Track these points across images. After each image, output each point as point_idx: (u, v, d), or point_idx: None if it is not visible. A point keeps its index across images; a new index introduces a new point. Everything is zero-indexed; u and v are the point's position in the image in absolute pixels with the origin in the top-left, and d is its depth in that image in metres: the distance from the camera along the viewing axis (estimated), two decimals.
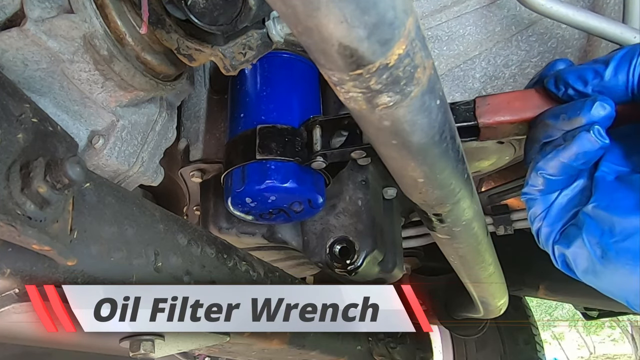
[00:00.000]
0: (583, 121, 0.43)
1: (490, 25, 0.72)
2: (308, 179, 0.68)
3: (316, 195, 0.69)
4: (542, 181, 0.47)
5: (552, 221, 0.47)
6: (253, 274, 0.70)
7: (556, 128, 0.45)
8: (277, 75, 0.73)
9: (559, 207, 0.47)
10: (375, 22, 0.27)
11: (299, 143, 0.67)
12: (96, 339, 0.56)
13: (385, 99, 0.34)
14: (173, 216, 0.58)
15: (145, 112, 0.63)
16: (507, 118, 0.50)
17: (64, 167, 0.35)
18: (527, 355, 1.92)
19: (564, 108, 0.45)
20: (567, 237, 0.45)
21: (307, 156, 0.66)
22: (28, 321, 0.44)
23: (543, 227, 0.48)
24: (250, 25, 0.52)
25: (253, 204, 0.69)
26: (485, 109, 0.51)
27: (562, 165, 0.44)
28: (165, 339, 0.55)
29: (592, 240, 0.43)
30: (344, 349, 1.02)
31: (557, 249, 0.47)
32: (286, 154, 0.66)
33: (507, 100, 0.50)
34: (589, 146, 0.42)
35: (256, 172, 0.67)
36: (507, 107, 0.50)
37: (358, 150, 0.62)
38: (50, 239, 0.37)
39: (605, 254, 0.41)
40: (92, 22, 0.50)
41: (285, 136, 0.67)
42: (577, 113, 0.43)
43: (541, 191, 0.47)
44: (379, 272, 0.85)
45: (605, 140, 0.42)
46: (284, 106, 0.70)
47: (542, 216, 0.48)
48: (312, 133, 0.66)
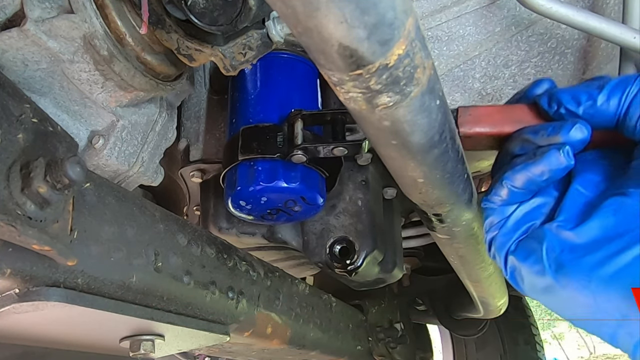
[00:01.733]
0: (559, 140, 0.44)
1: (490, 26, 0.72)
2: (297, 176, 0.67)
3: (311, 193, 0.68)
4: (506, 192, 0.48)
5: (507, 231, 0.48)
6: (253, 274, 0.70)
7: (532, 143, 0.47)
8: (277, 76, 0.73)
9: (515, 219, 0.48)
10: (375, 23, 0.27)
11: (281, 139, 0.66)
12: (96, 339, 0.56)
13: (385, 99, 0.34)
14: (173, 216, 0.58)
15: (145, 112, 0.63)
16: (487, 130, 0.50)
17: (64, 167, 0.35)
18: (527, 355, 1.92)
19: (545, 126, 0.46)
20: (524, 250, 0.46)
21: (287, 151, 0.65)
22: (28, 321, 0.44)
23: (498, 237, 0.49)
24: (250, 25, 0.52)
25: (248, 205, 0.70)
26: (467, 119, 0.51)
27: (528, 179, 0.46)
28: (165, 339, 0.55)
29: (550, 256, 0.43)
30: (344, 349, 1.02)
31: (510, 260, 0.47)
32: (267, 151, 0.65)
33: (488, 113, 0.51)
34: (555, 164, 0.44)
35: (244, 174, 0.67)
36: (488, 119, 0.50)
37: (341, 147, 0.62)
38: (50, 239, 0.37)
39: (560, 268, 0.42)
40: (92, 22, 0.50)
41: (267, 134, 0.66)
42: (557, 132, 0.45)
43: (503, 201, 0.49)
44: (379, 272, 0.85)
45: (571, 162, 0.43)
46: (287, 108, 0.70)
47: (499, 226, 0.49)
48: (294, 127, 0.66)
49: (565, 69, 0.75)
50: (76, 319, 0.46)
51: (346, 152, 0.63)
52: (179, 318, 0.54)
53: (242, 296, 0.65)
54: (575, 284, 0.41)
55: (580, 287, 0.41)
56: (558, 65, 0.74)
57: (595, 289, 0.40)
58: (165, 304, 0.53)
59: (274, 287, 0.75)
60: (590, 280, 0.40)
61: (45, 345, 0.54)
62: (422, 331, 1.80)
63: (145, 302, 0.50)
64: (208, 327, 0.59)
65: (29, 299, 0.39)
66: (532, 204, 0.48)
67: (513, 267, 0.47)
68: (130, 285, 0.48)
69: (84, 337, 0.54)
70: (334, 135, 0.65)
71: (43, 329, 0.49)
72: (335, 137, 0.64)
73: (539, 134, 0.46)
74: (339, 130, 0.65)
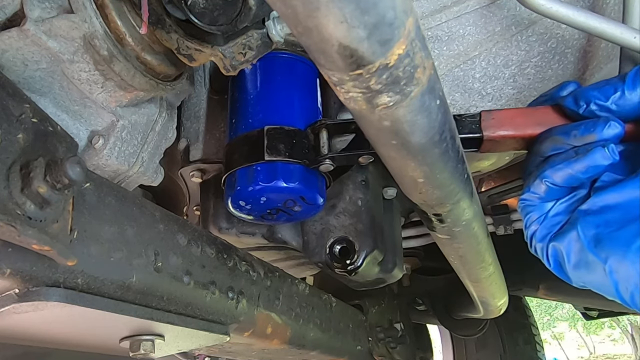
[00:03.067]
0: (595, 138, 0.47)
1: (490, 25, 0.72)
2: (313, 180, 0.68)
3: (310, 192, 0.68)
4: (544, 189, 0.50)
5: (548, 224, 0.51)
6: (253, 274, 0.70)
7: (566, 143, 0.49)
8: (277, 76, 0.73)
9: (555, 212, 0.51)
10: (375, 22, 0.27)
11: (306, 145, 0.67)
12: (96, 339, 0.56)
13: (385, 99, 0.34)
14: (173, 216, 0.58)
15: (145, 112, 0.63)
16: (510, 133, 0.53)
17: (64, 167, 0.35)
18: (527, 355, 1.92)
19: (576, 126, 0.49)
20: (563, 235, 0.49)
21: (314, 159, 0.66)
22: (28, 321, 0.44)
23: (539, 231, 0.52)
24: (250, 25, 0.52)
25: (248, 205, 0.69)
26: (491, 123, 0.54)
27: (570, 176, 0.48)
28: (165, 339, 0.55)
29: (587, 233, 0.46)
30: (344, 349, 1.02)
31: (551, 247, 0.50)
32: (294, 155, 0.66)
33: (510, 116, 0.54)
34: (600, 161, 0.46)
35: (244, 174, 0.67)
36: (511, 122, 0.54)
37: (366, 154, 0.63)
38: (50, 239, 0.37)
39: (598, 242, 0.45)
40: (92, 22, 0.50)
41: (293, 138, 0.67)
42: (591, 130, 0.47)
43: (541, 198, 0.51)
44: (379, 272, 0.85)
45: (616, 157, 0.46)
46: (287, 108, 0.70)
47: (540, 220, 0.52)
48: (319, 136, 0.67)
49: (565, 69, 0.75)
50: (76, 319, 0.46)
51: (372, 160, 0.64)
52: (179, 318, 0.54)
53: (242, 296, 0.65)
54: (615, 255, 0.43)
55: (620, 257, 0.43)
56: (558, 65, 0.74)
57: (633, 257, 0.42)
58: (165, 304, 0.53)
59: (274, 287, 0.75)
60: (629, 249, 0.42)
61: (45, 345, 0.54)
62: (422, 331, 1.81)
63: (145, 302, 0.50)
64: (208, 327, 0.59)
65: (29, 299, 0.39)
66: (573, 198, 0.50)
67: (555, 253, 0.50)
68: (130, 285, 0.48)
69: (84, 337, 0.54)
70: (360, 144, 0.65)
71: (43, 329, 0.48)
72: (361, 146, 0.65)
73: (571, 134, 0.49)
74: (365, 139, 0.65)
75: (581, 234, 0.46)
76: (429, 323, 1.85)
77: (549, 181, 0.49)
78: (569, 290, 1.61)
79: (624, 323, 9.67)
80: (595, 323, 9.83)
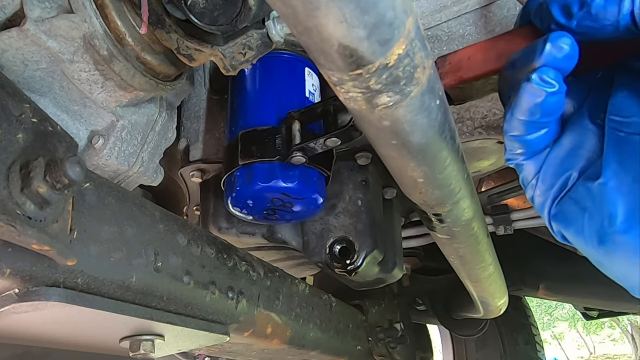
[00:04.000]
0: (535, 66, 0.36)
1: (490, 25, 0.72)
2: (296, 176, 0.66)
3: (310, 192, 0.68)
4: (517, 145, 0.40)
5: (545, 188, 0.41)
6: (253, 274, 0.70)
7: (515, 79, 0.38)
8: (272, 76, 0.73)
9: (551, 172, 0.40)
10: (375, 22, 0.27)
11: (280, 141, 0.66)
12: (96, 339, 0.56)
13: (385, 99, 0.34)
14: (173, 216, 0.58)
15: (145, 112, 0.63)
16: (469, 75, 0.44)
17: (64, 167, 0.35)
18: (527, 355, 1.92)
19: (519, 54, 0.38)
20: (564, 216, 0.40)
21: (286, 153, 0.65)
22: (28, 321, 0.44)
23: (536, 196, 0.42)
24: (250, 25, 0.52)
25: (250, 207, 0.69)
26: (447, 69, 0.44)
27: (525, 123, 0.38)
28: (165, 339, 0.55)
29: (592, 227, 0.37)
30: (344, 349, 1.02)
31: (554, 226, 0.41)
32: (266, 154, 0.65)
33: (468, 55, 0.44)
34: (536, 98, 0.35)
35: (243, 175, 0.67)
36: (468, 63, 0.44)
37: (333, 137, 0.60)
38: (50, 239, 0.37)
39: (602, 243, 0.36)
40: (92, 22, 0.50)
41: (266, 137, 0.66)
42: (531, 59, 0.36)
43: (523, 154, 0.41)
44: (379, 272, 0.85)
45: (554, 86, 0.35)
46: (273, 106, 0.69)
47: (534, 183, 0.42)
48: (291, 128, 0.65)
49: None
50: (76, 319, 0.46)
51: (339, 142, 0.61)
52: (178, 318, 0.54)
53: (242, 296, 0.65)
54: (622, 256, 0.35)
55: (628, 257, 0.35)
56: None
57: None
58: (165, 304, 0.53)
59: (274, 287, 0.75)
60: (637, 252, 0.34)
61: (45, 345, 0.54)
62: (422, 331, 1.81)
63: (145, 302, 0.50)
64: (208, 327, 0.59)
65: (29, 299, 0.39)
66: (566, 146, 0.40)
67: (559, 232, 0.41)
68: (130, 285, 0.48)
69: (84, 337, 0.54)
70: (327, 127, 0.64)
71: (43, 329, 0.48)
72: (328, 129, 0.63)
73: (516, 66, 0.38)
74: (332, 121, 0.64)
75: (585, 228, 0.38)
76: (429, 323, 1.85)
77: (512, 135, 0.39)
78: (569, 291, 1.61)
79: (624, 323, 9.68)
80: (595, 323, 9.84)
